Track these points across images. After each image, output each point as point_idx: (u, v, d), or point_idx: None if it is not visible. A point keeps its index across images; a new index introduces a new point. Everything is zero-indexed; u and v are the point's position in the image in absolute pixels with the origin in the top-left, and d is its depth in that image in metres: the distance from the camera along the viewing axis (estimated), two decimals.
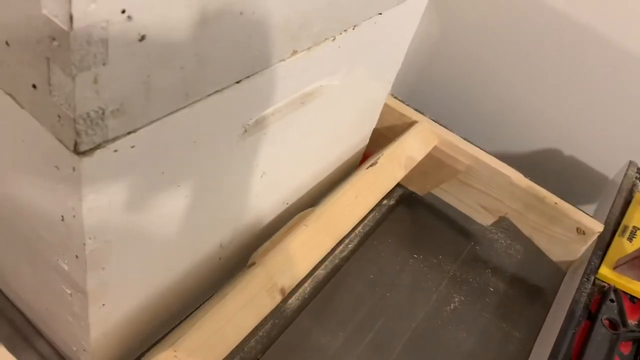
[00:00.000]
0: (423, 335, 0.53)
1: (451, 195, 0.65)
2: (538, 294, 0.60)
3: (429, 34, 0.85)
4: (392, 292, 0.56)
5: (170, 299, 0.43)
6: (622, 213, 0.63)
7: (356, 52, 0.45)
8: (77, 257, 0.32)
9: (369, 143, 0.63)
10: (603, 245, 0.58)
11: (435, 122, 0.63)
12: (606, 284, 0.56)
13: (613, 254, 0.58)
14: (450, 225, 0.65)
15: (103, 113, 0.26)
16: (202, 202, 0.38)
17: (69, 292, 0.36)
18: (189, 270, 0.43)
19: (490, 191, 0.62)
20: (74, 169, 0.27)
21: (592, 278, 0.55)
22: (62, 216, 0.31)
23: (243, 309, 0.42)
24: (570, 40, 0.75)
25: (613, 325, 0.53)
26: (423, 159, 0.60)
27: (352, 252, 0.59)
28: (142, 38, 0.25)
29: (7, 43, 0.25)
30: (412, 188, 0.66)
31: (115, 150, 0.28)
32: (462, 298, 0.58)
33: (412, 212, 0.65)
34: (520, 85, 0.81)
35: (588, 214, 0.59)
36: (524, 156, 0.85)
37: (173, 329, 0.41)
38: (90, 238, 0.31)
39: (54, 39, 0.23)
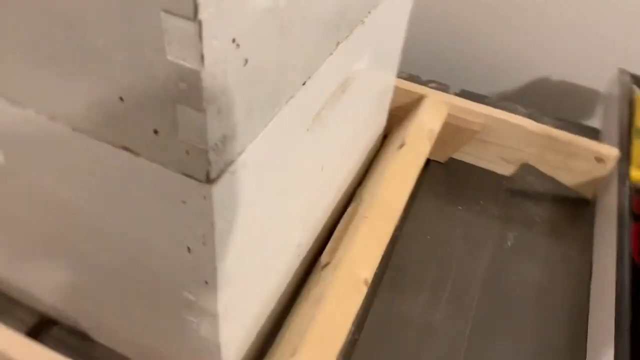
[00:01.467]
0: (494, 276, 0.57)
1: (470, 155, 0.68)
2: (581, 212, 0.64)
3: None
4: (451, 246, 0.59)
5: (272, 301, 0.45)
6: (630, 118, 0.67)
7: (377, 32, 0.47)
8: (206, 283, 0.34)
9: None
10: (625, 152, 0.62)
11: (443, 91, 0.66)
12: None
13: (637, 156, 0.62)
14: (480, 173, 0.68)
15: (224, 140, 0.28)
16: (289, 204, 0.40)
17: (194, 320, 0.37)
18: (283, 273, 0.45)
19: (508, 143, 0.65)
20: (204, 197, 0.29)
21: (627, 182, 0.59)
22: (189, 248, 0.32)
23: (339, 307, 0.44)
24: None
25: None
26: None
27: (402, 221, 0.61)
28: (246, 62, 0.27)
29: (121, 99, 0.27)
30: (432, 157, 0.68)
31: (233, 173, 0.30)
32: (515, 234, 0.61)
33: (443, 171, 0.68)
34: (498, 24, 0.85)
35: (602, 143, 0.63)
36: (522, 90, 0.89)
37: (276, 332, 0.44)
38: (220, 261, 0.32)
39: (181, 81, 0.24)
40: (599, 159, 0.61)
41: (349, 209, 0.55)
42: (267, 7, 0.27)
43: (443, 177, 0.67)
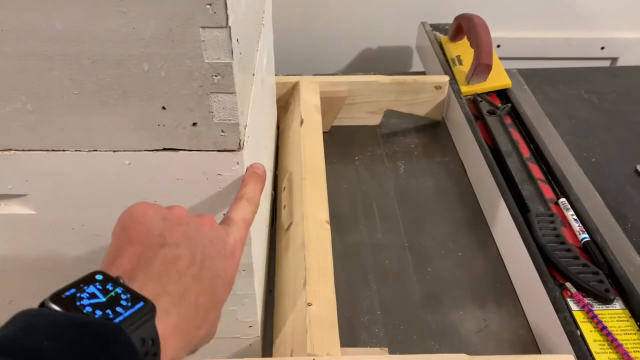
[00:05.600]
0: (401, 194, 0.72)
1: (345, 119, 0.83)
2: (438, 130, 0.83)
3: None
4: (364, 185, 0.74)
5: (263, 259, 0.55)
6: (444, 54, 0.88)
7: (266, 34, 0.59)
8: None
9: None
10: (452, 77, 0.82)
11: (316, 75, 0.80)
12: (470, 96, 0.80)
13: (460, 78, 0.83)
14: (358, 129, 0.83)
15: (243, 111, 0.38)
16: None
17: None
18: (264, 237, 0.56)
19: (370, 98, 0.81)
20: (238, 163, 0.39)
21: (462, 97, 0.79)
22: (225, 214, 0.41)
23: (320, 244, 0.56)
24: None
25: (493, 112, 0.77)
26: None
27: None
28: (240, 53, 0.37)
29: (163, 107, 0.36)
30: None
31: (249, 136, 0.40)
32: (402, 162, 0.77)
33: (330, 137, 0.81)
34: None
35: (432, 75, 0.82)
36: (353, 62, 1.07)
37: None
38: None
39: (216, 75, 0.34)
40: (438, 87, 0.80)
41: (284, 182, 0.66)
42: (244, 16, 0.38)
43: (333, 141, 0.81)
